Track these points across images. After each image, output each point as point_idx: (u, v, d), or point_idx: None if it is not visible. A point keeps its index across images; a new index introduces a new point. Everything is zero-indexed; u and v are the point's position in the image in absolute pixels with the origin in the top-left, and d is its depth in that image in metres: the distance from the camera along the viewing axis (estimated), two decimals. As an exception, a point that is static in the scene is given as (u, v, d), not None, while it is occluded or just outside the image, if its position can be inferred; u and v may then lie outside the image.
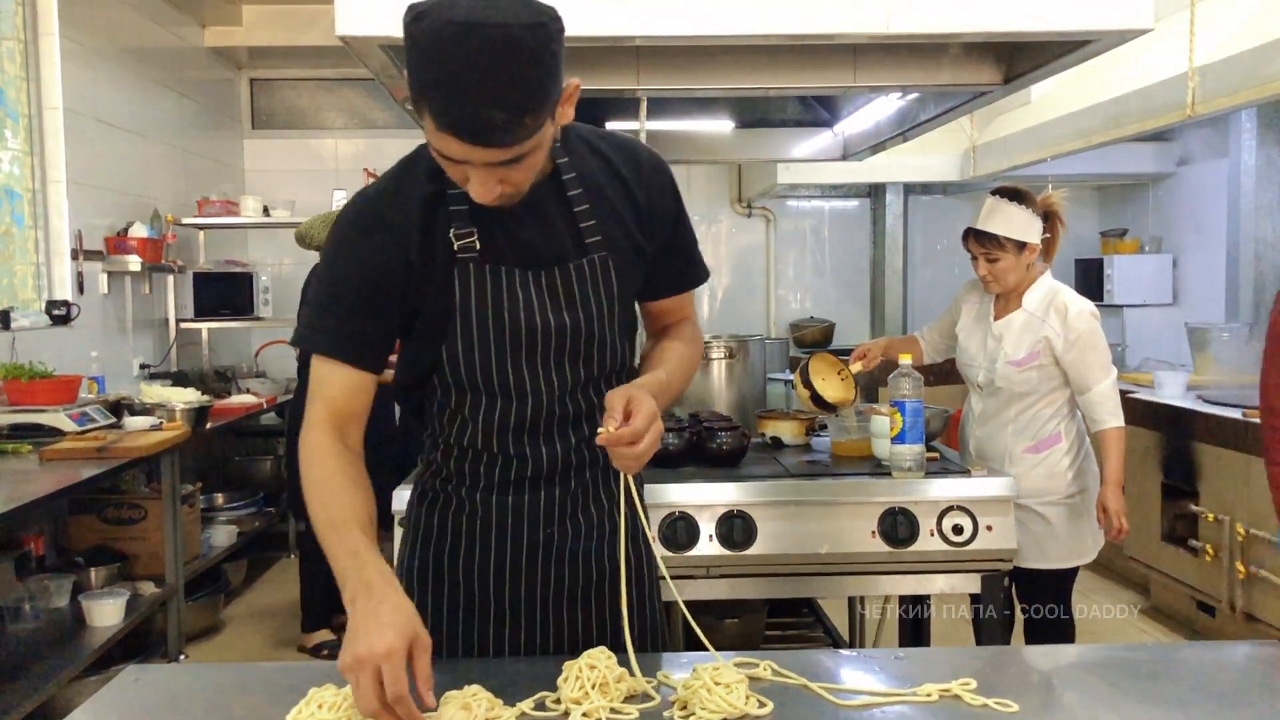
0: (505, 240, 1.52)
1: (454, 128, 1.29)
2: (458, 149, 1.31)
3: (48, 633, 3.71)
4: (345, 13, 2.38)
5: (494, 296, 1.51)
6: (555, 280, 1.54)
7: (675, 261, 1.69)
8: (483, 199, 1.39)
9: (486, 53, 1.25)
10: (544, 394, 1.58)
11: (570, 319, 1.55)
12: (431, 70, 1.28)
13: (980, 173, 6.42)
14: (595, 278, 1.56)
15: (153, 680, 1.47)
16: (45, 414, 4.05)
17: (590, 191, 1.56)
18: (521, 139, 1.31)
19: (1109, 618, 4.92)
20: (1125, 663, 1.59)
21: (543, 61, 1.30)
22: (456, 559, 1.65)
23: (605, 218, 1.57)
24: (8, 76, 4.52)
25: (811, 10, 2.46)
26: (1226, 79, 3.85)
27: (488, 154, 1.32)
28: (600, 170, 1.59)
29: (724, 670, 1.39)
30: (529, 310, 1.53)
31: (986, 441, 3.22)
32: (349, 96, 7.36)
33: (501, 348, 1.54)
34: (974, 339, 3.28)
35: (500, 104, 1.28)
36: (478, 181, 1.37)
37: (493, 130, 1.29)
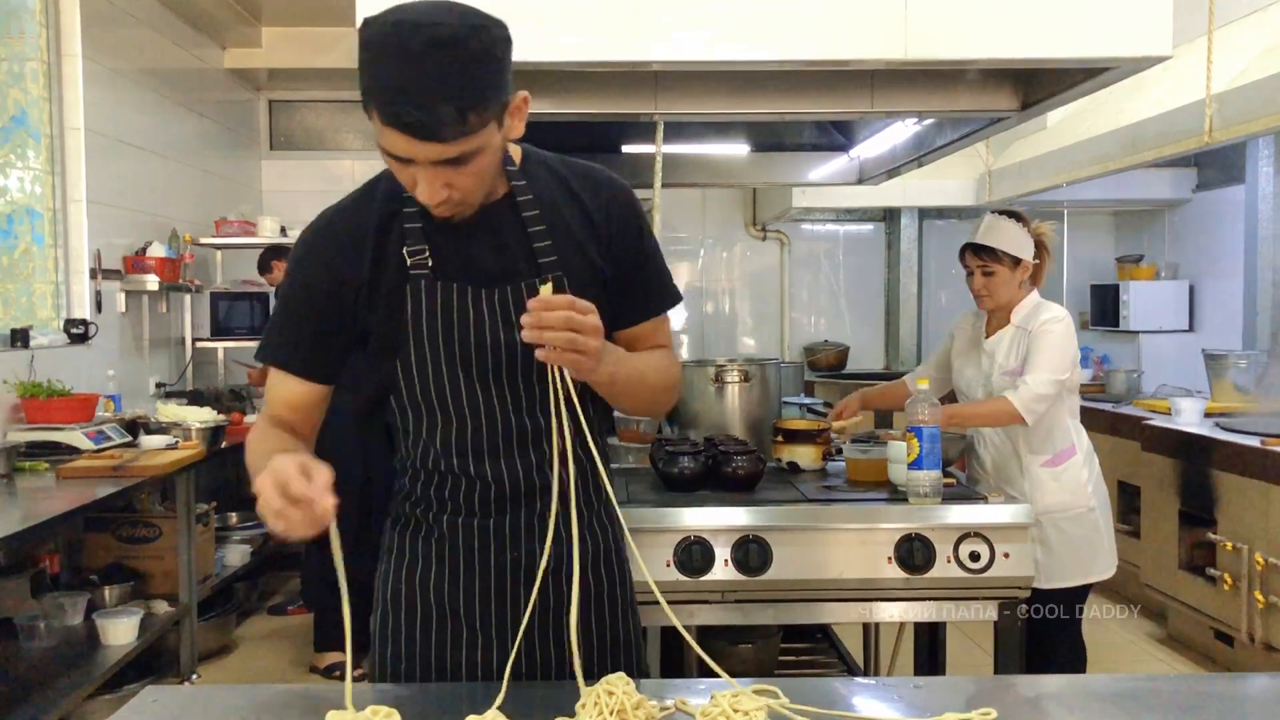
0: (457, 259, 1.54)
1: (397, 121, 1.32)
2: (403, 145, 1.35)
3: (62, 651, 3.72)
4: (367, 37, 2.40)
5: (444, 313, 1.53)
6: (507, 298, 1.54)
7: (641, 287, 1.67)
8: (430, 200, 1.42)
9: (429, 49, 1.30)
10: (498, 412, 1.57)
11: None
12: (376, 67, 1.33)
13: (995, 197, 6.42)
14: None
15: (170, 701, 1.46)
16: (62, 432, 4.07)
17: (546, 213, 1.57)
18: (462, 134, 1.34)
19: (1126, 646, 4.89)
20: (1147, 694, 1.57)
21: (485, 62, 1.35)
22: (428, 584, 1.64)
23: (560, 239, 1.57)
24: (31, 97, 4.57)
25: (829, 37, 2.47)
26: (1244, 106, 3.85)
27: (431, 149, 1.35)
28: (559, 193, 1.60)
29: (743, 697, 1.38)
30: (479, 327, 1.54)
31: (1002, 463, 3.22)
32: (365, 118, 7.40)
33: (453, 364, 1.54)
34: (969, 363, 3.35)
35: (442, 98, 1.31)
36: (424, 182, 1.40)
37: (435, 125, 1.32)
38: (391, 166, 1.43)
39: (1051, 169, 5.53)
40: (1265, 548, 4.07)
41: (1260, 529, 4.11)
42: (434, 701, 1.41)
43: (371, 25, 1.34)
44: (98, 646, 3.77)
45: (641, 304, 1.68)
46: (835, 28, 2.46)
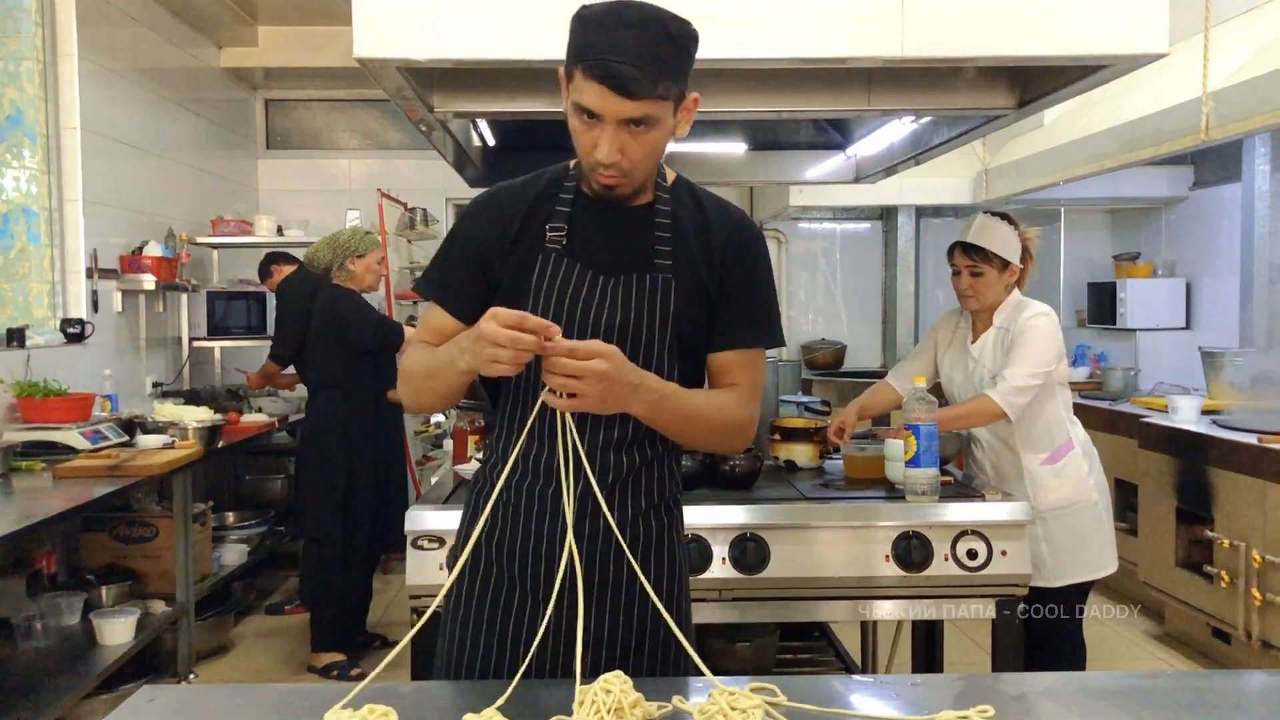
0: (588, 244, 1.73)
1: (602, 73, 1.54)
2: (598, 99, 1.56)
3: (59, 650, 3.72)
4: (363, 35, 2.39)
5: (562, 286, 1.71)
6: (619, 286, 1.72)
7: (738, 316, 1.79)
8: (607, 158, 1.60)
9: (640, 23, 1.57)
10: None
11: (621, 321, 1.71)
12: (592, 33, 1.57)
13: (992, 196, 6.42)
14: (654, 292, 1.72)
15: (167, 701, 1.46)
16: (59, 432, 4.07)
17: (675, 226, 1.75)
18: (650, 96, 1.56)
19: (1124, 644, 4.89)
20: (1144, 691, 1.57)
21: (679, 47, 1.61)
22: (491, 541, 1.78)
23: (679, 250, 1.74)
24: (26, 96, 4.56)
25: (826, 35, 2.46)
26: (1241, 104, 3.85)
27: (623, 105, 1.56)
28: (691, 214, 1.78)
29: (740, 696, 1.38)
30: (587, 305, 1.71)
31: (1000, 465, 3.21)
32: (363, 117, 7.41)
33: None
34: (958, 367, 3.33)
35: (640, 61, 1.55)
36: (606, 141, 1.59)
37: (632, 81, 1.54)
38: (576, 130, 1.63)
39: (1048, 167, 5.53)
40: (1262, 545, 4.08)
41: (1257, 526, 4.11)
42: (431, 701, 1.41)
43: (591, 6, 1.60)
44: (95, 646, 3.77)
45: (734, 333, 1.79)
46: (832, 26, 2.46)
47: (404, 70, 2.55)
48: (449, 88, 2.90)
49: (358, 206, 6.64)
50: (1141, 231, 6.72)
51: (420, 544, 2.45)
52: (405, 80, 2.62)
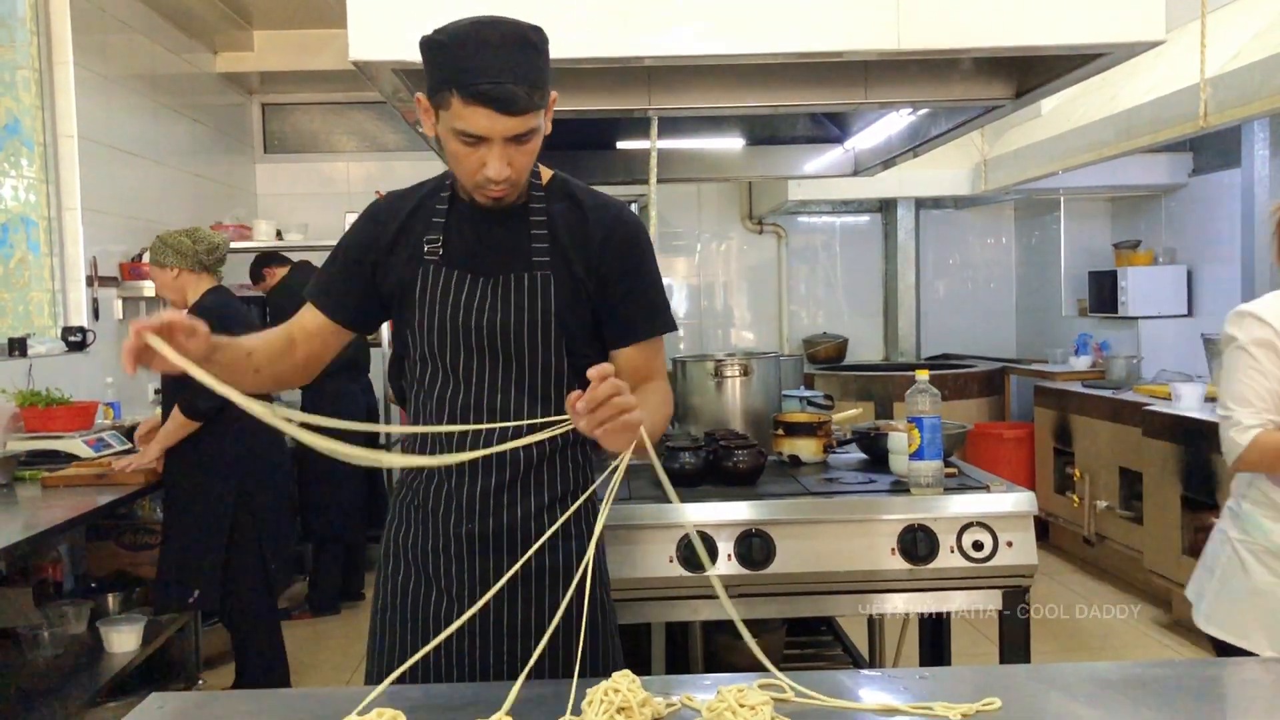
0: (466, 251, 1.79)
1: (483, 98, 1.56)
2: (484, 122, 1.58)
3: (66, 659, 3.72)
4: (358, 38, 2.40)
5: (444, 295, 1.77)
6: (499, 287, 1.77)
7: (631, 310, 1.84)
8: (498, 176, 1.64)
9: (507, 39, 1.58)
10: (485, 381, 1.78)
11: (503, 320, 1.76)
12: (461, 56, 1.57)
13: (991, 186, 6.42)
14: (534, 290, 1.77)
15: (177, 708, 1.46)
16: (62, 440, 4.06)
17: (551, 224, 1.80)
18: (531, 109, 1.60)
19: (1130, 632, 4.89)
20: (1152, 680, 1.57)
21: (541, 53, 1.64)
22: (406, 541, 1.85)
23: (555, 248, 1.79)
24: (23, 105, 4.56)
25: (822, 28, 2.46)
26: (1238, 90, 3.84)
27: (508, 123, 1.59)
28: (567, 211, 1.81)
29: (749, 692, 1.38)
30: (469, 310, 1.76)
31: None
32: (360, 120, 7.41)
33: (447, 334, 1.77)
34: None
35: (519, 78, 1.58)
36: (495, 159, 1.63)
37: (514, 100, 1.57)
38: (458, 153, 1.65)
39: (1047, 156, 5.53)
40: (1268, 531, 4.07)
41: (1262, 512, 4.10)
42: (439, 704, 1.41)
43: (444, 29, 1.60)
44: (102, 654, 3.77)
45: (631, 326, 1.85)
46: (828, 19, 2.45)
47: (400, 72, 2.55)
48: (445, 89, 2.90)
49: (356, 209, 6.60)
50: (1141, 219, 6.71)
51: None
52: (401, 82, 2.63)
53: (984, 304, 7.96)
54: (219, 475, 3.90)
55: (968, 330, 7.91)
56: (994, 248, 7.96)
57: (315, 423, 1.44)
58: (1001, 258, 7.97)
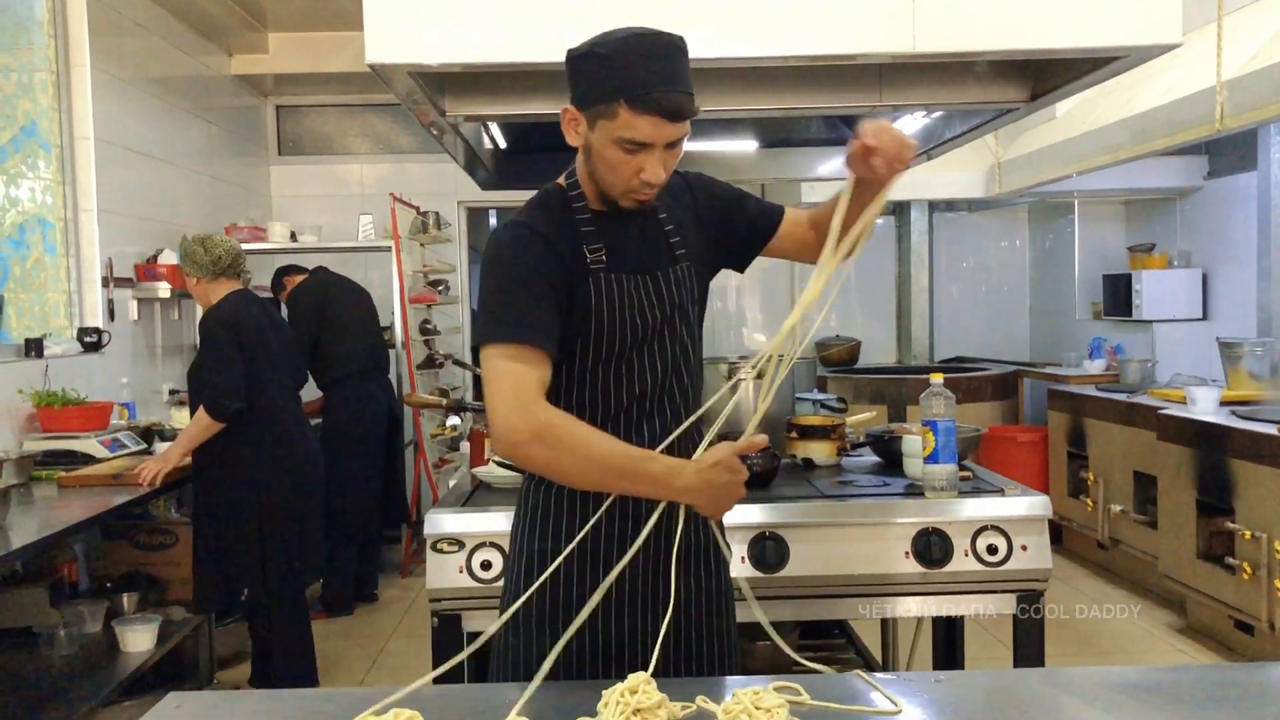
0: (619, 255, 1.81)
1: (656, 107, 1.62)
2: (651, 130, 1.64)
3: (82, 658, 3.73)
4: (375, 41, 2.41)
5: (619, 300, 1.79)
6: (659, 282, 1.84)
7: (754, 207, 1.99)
8: (657, 179, 1.70)
9: (665, 49, 1.65)
10: (649, 375, 1.83)
11: (666, 316, 1.83)
12: (631, 67, 1.62)
13: (1005, 189, 6.40)
14: (684, 281, 1.87)
15: (194, 707, 1.47)
16: (78, 440, 4.08)
17: (670, 211, 1.88)
18: (692, 114, 1.68)
19: (1145, 637, 4.87)
20: (1167, 685, 1.57)
21: (689, 60, 1.70)
22: (547, 531, 1.83)
23: (684, 236, 1.89)
24: (40, 108, 4.59)
25: (836, 31, 2.46)
26: (1255, 92, 3.83)
27: (674, 129, 1.66)
28: (669, 195, 1.87)
29: (765, 695, 1.38)
30: (637, 311, 1.81)
31: None
32: (373, 122, 7.43)
33: (623, 337, 1.79)
34: None
35: (684, 86, 1.66)
36: (654, 164, 1.69)
37: (682, 109, 1.65)
38: (616, 161, 1.69)
39: (1061, 159, 5.51)
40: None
41: (1279, 517, 4.08)
42: (455, 705, 1.42)
43: (599, 43, 1.66)
44: (117, 654, 3.79)
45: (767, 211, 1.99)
46: (842, 22, 2.45)
47: (415, 74, 2.56)
48: (460, 91, 2.91)
49: (370, 210, 6.66)
50: (1156, 222, 6.69)
51: (440, 547, 2.45)
52: (416, 84, 2.63)
53: (998, 307, 7.94)
54: (248, 475, 3.95)
55: (981, 333, 7.89)
56: (1008, 250, 7.94)
57: None
58: (1015, 260, 7.94)
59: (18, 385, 4.11)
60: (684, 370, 1.89)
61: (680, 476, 1.70)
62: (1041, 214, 7.65)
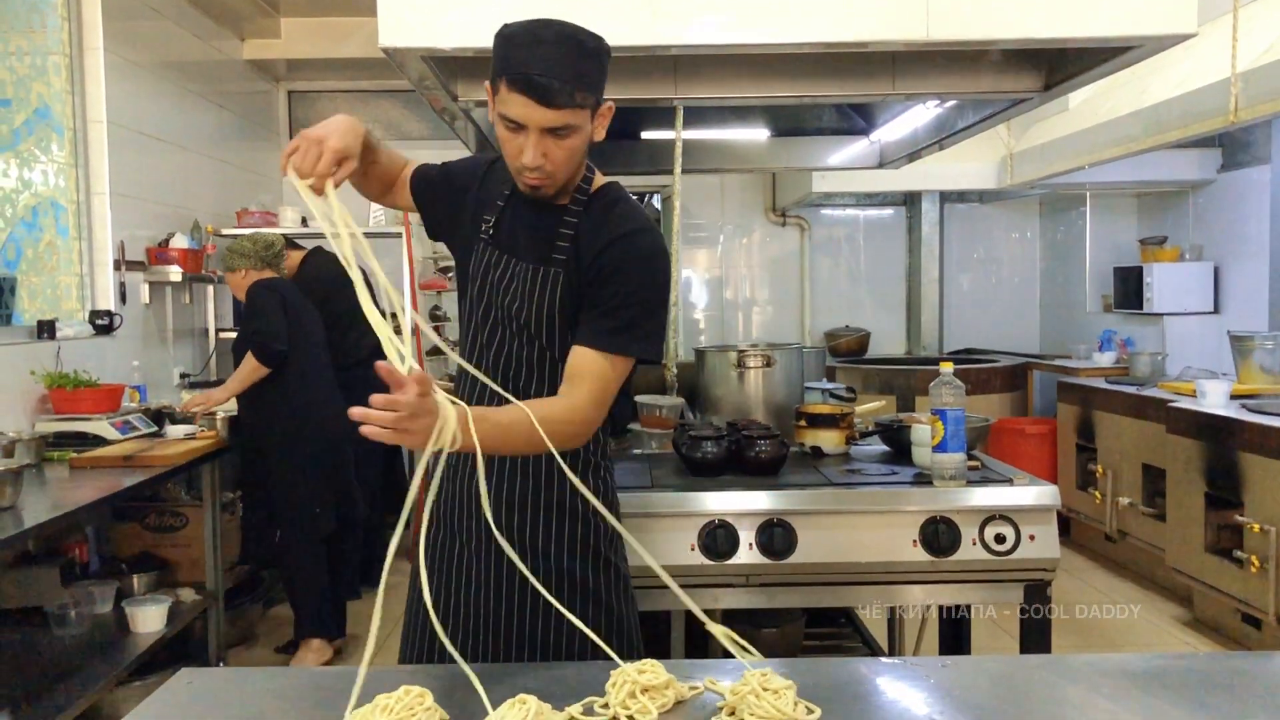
0: (510, 234, 1.93)
1: (524, 86, 1.68)
2: (522, 109, 1.70)
3: (92, 638, 3.76)
4: (388, 25, 2.41)
5: (485, 269, 1.93)
6: (525, 273, 1.89)
7: (596, 317, 1.83)
8: (531, 163, 1.75)
9: (558, 39, 1.71)
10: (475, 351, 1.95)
11: (519, 306, 1.89)
12: (514, 48, 1.71)
13: (1017, 180, 6.38)
14: (545, 281, 1.88)
15: (206, 684, 1.48)
16: (89, 422, 4.11)
17: (578, 230, 1.88)
18: (568, 106, 1.70)
19: (1152, 630, 4.87)
20: (1174, 672, 1.57)
21: (594, 61, 1.75)
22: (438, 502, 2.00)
23: (572, 250, 1.88)
24: (54, 91, 4.60)
25: (849, 19, 2.46)
26: (1270, 84, 3.81)
27: (544, 114, 1.70)
28: (593, 220, 1.89)
29: (772, 676, 1.39)
30: (499, 290, 1.91)
31: None
32: (385, 108, 7.43)
33: (473, 306, 1.95)
34: None
35: (560, 74, 1.69)
36: (530, 147, 1.73)
37: (552, 93, 1.68)
38: (504, 139, 1.77)
39: (1074, 151, 5.49)
40: (1292, 529, 4.04)
41: (1287, 511, 4.08)
42: (464, 682, 1.42)
43: (513, 25, 1.74)
44: (127, 634, 3.81)
45: (589, 331, 1.84)
46: (855, 9, 2.45)
47: (428, 59, 2.57)
48: (472, 76, 2.92)
49: (381, 197, 6.66)
50: (1169, 215, 6.66)
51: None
52: (429, 69, 2.64)
53: (1008, 299, 7.92)
54: (284, 428, 4.40)
55: (991, 325, 7.88)
56: (1019, 242, 7.92)
57: None
58: (1026, 252, 7.93)
59: (30, 367, 4.14)
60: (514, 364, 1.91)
61: None
62: (1053, 206, 7.63)
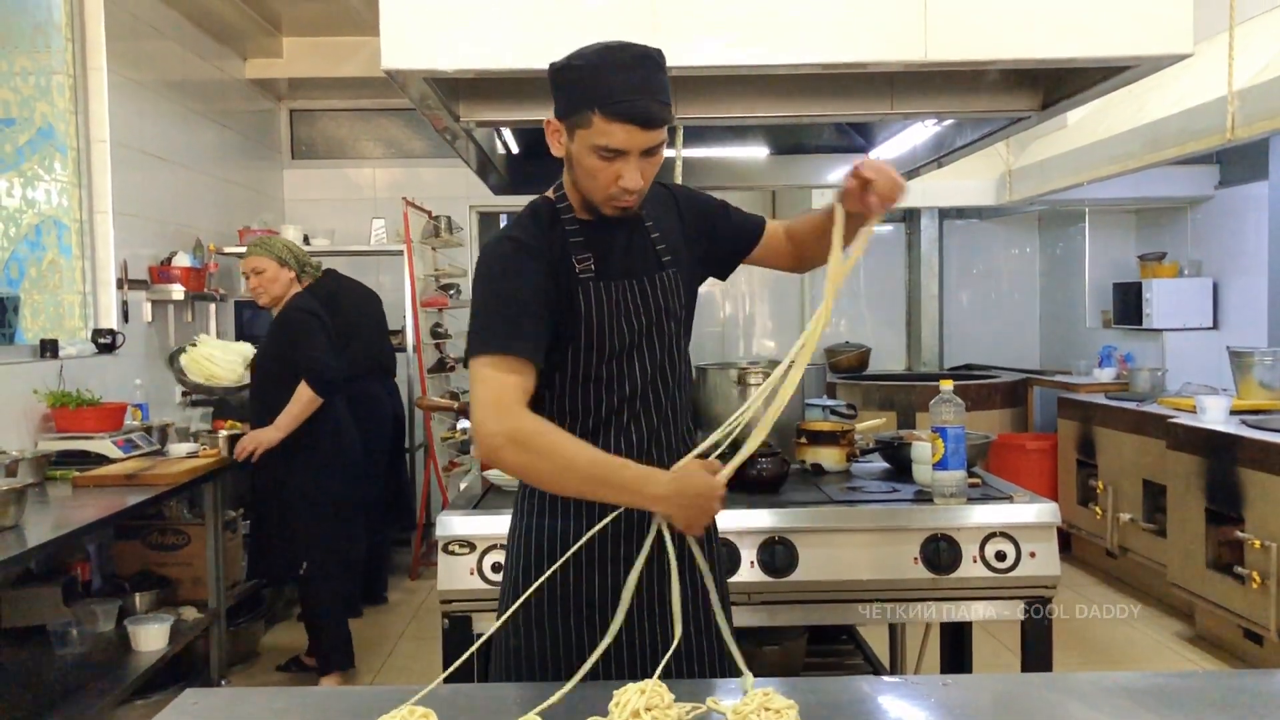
0: (606, 263, 1.85)
1: (627, 115, 1.67)
2: (624, 137, 1.69)
3: (94, 656, 3.76)
4: (390, 47, 2.43)
5: (608, 308, 1.83)
6: (645, 288, 1.87)
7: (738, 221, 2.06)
8: (634, 186, 1.74)
9: (638, 59, 1.71)
10: (636, 379, 1.87)
11: (652, 322, 1.88)
12: (603, 78, 1.68)
13: (1016, 197, 6.41)
14: (670, 286, 1.90)
15: (210, 704, 1.48)
16: (92, 441, 4.11)
17: (656, 220, 1.93)
18: (666, 123, 1.72)
19: (1153, 646, 4.86)
20: (1175, 690, 1.57)
21: (666, 72, 1.75)
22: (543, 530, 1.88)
23: (670, 241, 1.93)
24: (57, 110, 4.62)
25: (848, 40, 2.48)
26: (1267, 102, 3.83)
27: (648, 137, 1.70)
28: (651, 202, 1.91)
29: (774, 696, 1.39)
30: (625, 317, 1.85)
31: None
32: (386, 126, 7.47)
33: (612, 342, 1.84)
34: None
35: (656, 95, 1.70)
36: (631, 171, 1.73)
37: (656, 115, 1.69)
38: (594, 168, 1.73)
39: (1072, 168, 5.51)
40: (1293, 545, 4.04)
41: (1288, 527, 4.08)
42: (468, 704, 1.43)
43: (575, 56, 1.72)
44: (129, 652, 3.81)
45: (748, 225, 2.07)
46: (854, 30, 2.47)
47: (430, 80, 2.59)
48: (474, 97, 2.94)
49: (383, 215, 6.69)
50: (1167, 231, 6.68)
51: (451, 549, 2.47)
52: (431, 90, 2.66)
53: (1007, 315, 7.94)
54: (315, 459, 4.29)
55: (991, 341, 7.89)
56: (1018, 258, 7.94)
57: None
58: (1025, 268, 7.94)
59: (33, 386, 4.15)
60: (669, 374, 1.92)
61: (652, 484, 1.73)
62: (1052, 222, 7.65)
